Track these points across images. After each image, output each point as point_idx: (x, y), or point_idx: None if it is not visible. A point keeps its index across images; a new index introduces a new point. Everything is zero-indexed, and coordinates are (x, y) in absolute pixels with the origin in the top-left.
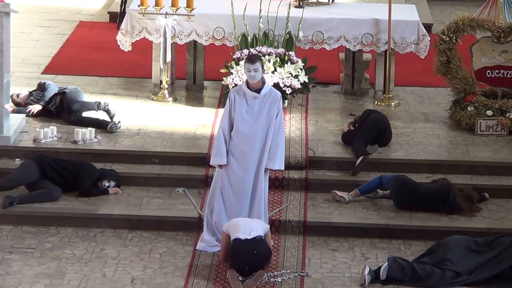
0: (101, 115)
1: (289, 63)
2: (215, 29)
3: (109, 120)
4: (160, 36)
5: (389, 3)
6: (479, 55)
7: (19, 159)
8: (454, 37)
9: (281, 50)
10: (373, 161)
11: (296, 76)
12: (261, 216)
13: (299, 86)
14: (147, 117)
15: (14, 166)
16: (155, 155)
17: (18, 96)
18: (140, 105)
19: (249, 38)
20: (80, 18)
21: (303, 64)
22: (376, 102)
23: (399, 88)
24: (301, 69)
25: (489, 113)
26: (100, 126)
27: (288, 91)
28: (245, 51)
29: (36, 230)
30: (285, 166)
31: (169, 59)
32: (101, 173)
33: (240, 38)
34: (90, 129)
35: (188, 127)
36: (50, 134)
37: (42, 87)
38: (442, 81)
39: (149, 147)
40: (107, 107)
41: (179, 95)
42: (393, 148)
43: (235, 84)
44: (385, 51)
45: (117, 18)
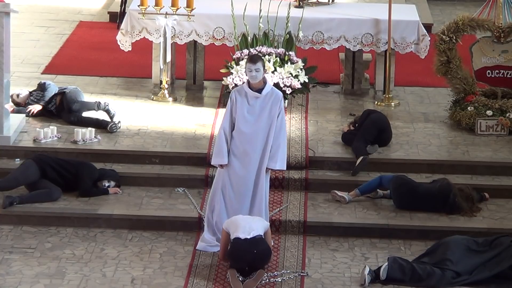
0: (101, 115)
1: (289, 63)
2: (215, 29)
3: (109, 120)
4: (160, 36)
5: (389, 3)
6: (479, 55)
7: (19, 159)
8: (454, 37)
9: (281, 50)
10: (373, 161)
11: (296, 76)
12: (262, 216)
13: (299, 86)
14: (147, 117)
15: (14, 166)
16: (155, 155)
17: (18, 96)
18: (140, 105)
19: (249, 38)
20: (80, 18)
21: (303, 64)
22: (376, 102)
23: (399, 88)
24: (301, 69)
25: (489, 113)
26: (100, 126)
27: (288, 91)
28: (245, 51)
29: (36, 230)
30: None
31: (169, 59)
32: (101, 173)
33: (240, 38)
34: (90, 129)
35: (188, 127)
36: (50, 134)
37: (42, 87)
38: (442, 81)
39: (149, 147)
40: (107, 107)
41: (179, 95)
42: (393, 148)
43: (235, 84)
44: (385, 51)
45: (117, 18)
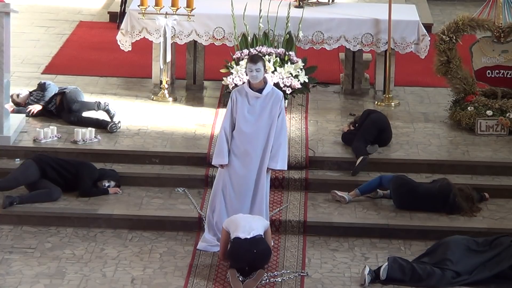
0: (101, 115)
1: (289, 63)
2: (215, 29)
3: (109, 120)
4: (160, 36)
5: (389, 3)
6: (479, 55)
7: (19, 159)
8: (454, 37)
9: (281, 50)
10: (373, 161)
11: (296, 76)
12: (263, 216)
13: (299, 86)
14: (147, 117)
15: (14, 166)
16: (155, 155)
17: (18, 96)
18: (140, 105)
19: (249, 38)
20: (80, 18)
21: (303, 64)
22: (376, 102)
23: (399, 88)
24: (301, 69)
25: (489, 113)
26: (100, 126)
27: (288, 91)
28: (245, 51)
29: (36, 230)
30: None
31: (169, 59)
32: (101, 173)
33: (240, 38)
34: (90, 129)
35: (188, 127)
36: (50, 134)
37: (42, 87)
38: (442, 81)
39: (149, 147)
40: (107, 107)
41: (179, 95)
42: (393, 148)
43: (235, 84)
44: (385, 51)
45: (117, 18)
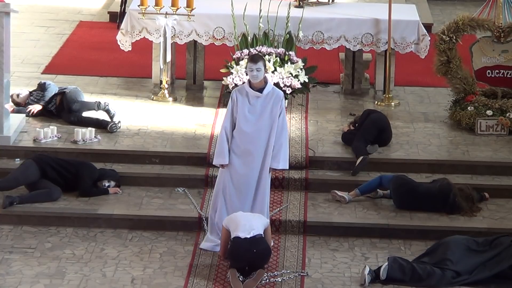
0: (101, 115)
1: (289, 63)
2: (215, 29)
3: (109, 120)
4: (160, 36)
5: (389, 3)
6: (479, 55)
7: (19, 159)
8: (454, 37)
9: (281, 50)
10: (373, 161)
11: (296, 76)
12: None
13: (299, 86)
14: (147, 117)
15: (14, 166)
16: (155, 155)
17: (18, 96)
18: (140, 105)
19: (249, 38)
20: (80, 18)
21: (303, 64)
22: (376, 102)
23: (399, 88)
24: (301, 69)
25: (489, 113)
26: (100, 126)
27: (288, 91)
28: (245, 51)
29: (36, 230)
30: None
31: (169, 59)
32: (101, 173)
33: (240, 38)
34: (90, 129)
35: (188, 127)
36: (50, 134)
37: (42, 87)
38: (442, 81)
39: (149, 147)
40: (107, 107)
41: (179, 95)
42: (393, 148)
43: (235, 84)
44: (385, 51)
45: (117, 18)
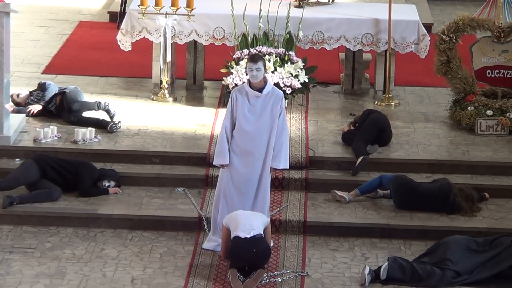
0: (101, 115)
1: (289, 63)
2: (215, 29)
3: (109, 120)
4: (160, 36)
5: (389, 3)
6: (479, 55)
7: (19, 159)
8: (454, 37)
9: (281, 50)
10: (373, 161)
11: (296, 76)
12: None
13: (299, 86)
14: (147, 117)
15: (14, 166)
16: (155, 155)
17: (18, 96)
18: (140, 105)
19: (249, 38)
20: (80, 18)
21: (303, 64)
22: (376, 102)
23: (399, 88)
24: (301, 69)
25: (489, 113)
26: (100, 126)
27: (288, 91)
28: (245, 51)
29: (36, 230)
30: None
31: (169, 59)
32: (101, 173)
33: (240, 38)
34: (90, 129)
35: (188, 127)
36: (50, 134)
37: (42, 87)
38: (442, 81)
39: (149, 147)
40: (107, 107)
41: (179, 95)
42: (393, 148)
43: (235, 84)
44: (385, 51)
45: (117, 18)
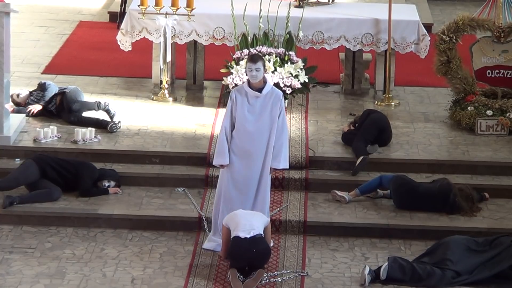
0: (101, 115)
1: (289, 63)
2: (215, 29)
3: (109, 120)
4: (160, 36)
5: (389, 3)
6: (479, 55)
7: (19, 159)
8: (454, 37)
9: (281, 50)
10: (373, 161)
11: (296, 76)
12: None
13: (299, 86)
14: (147, 117)
15: (14, 166)
16: (155, 155)
17: (18, 96)
18: (140, 105)
19: (249, 38)
20: (80, 18)
21: (303, 64)
22: (376, 102)
23: (399, 88)
24: (301, 69)
25: (489, 113)
26: (100, 126)
27: (288, 91)
28: (245, 51)
29: (36, 230)
30: None
31: (169, 59)
32: (101, 173)
33: (240, 38)
34: (90, 129)
35: (188, 127)
36: (50, 134)
37: (42, 87)
38: (442, 81)
39: (149, 147)
40: (107, 107)
41: (179, 95)
42: (393, 148)
43: (235, 84)
44: (385, 51)
45: (117, 18)
